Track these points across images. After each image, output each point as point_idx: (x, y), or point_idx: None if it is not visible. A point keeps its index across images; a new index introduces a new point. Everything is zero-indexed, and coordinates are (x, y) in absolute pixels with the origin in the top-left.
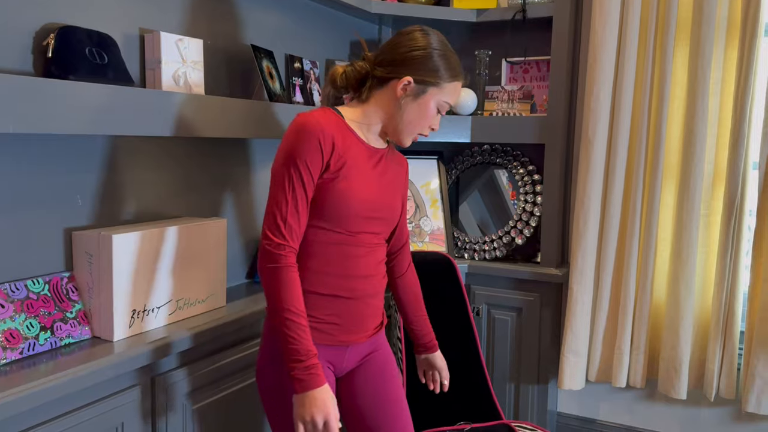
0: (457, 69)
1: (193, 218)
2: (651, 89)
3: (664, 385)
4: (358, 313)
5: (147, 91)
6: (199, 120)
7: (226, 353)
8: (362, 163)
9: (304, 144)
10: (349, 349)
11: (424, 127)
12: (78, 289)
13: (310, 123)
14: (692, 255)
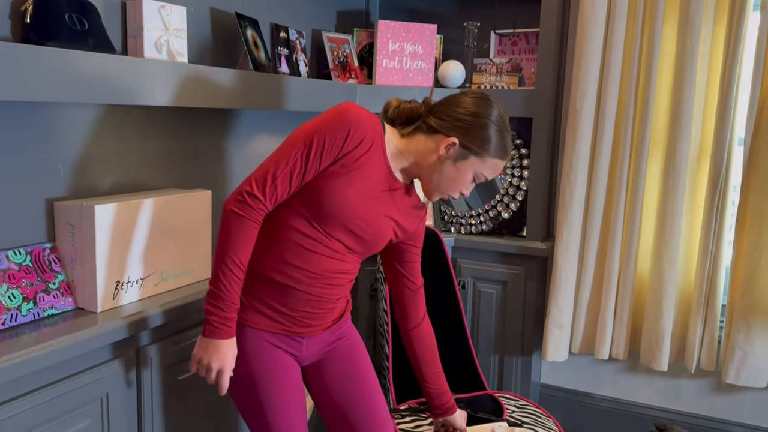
0: (506, 149)
1: (177, 190)
2: (639, 63)
3: (645, 357)
4: (312, 310)
5: (128, 59)
6: (182, 89)
7: None
8: (374, 180)
9: (335, 128)
10: (305, 341)
11: (455, 190)
12: (60, 260)
13: (354, 115)
14: (676, 229)
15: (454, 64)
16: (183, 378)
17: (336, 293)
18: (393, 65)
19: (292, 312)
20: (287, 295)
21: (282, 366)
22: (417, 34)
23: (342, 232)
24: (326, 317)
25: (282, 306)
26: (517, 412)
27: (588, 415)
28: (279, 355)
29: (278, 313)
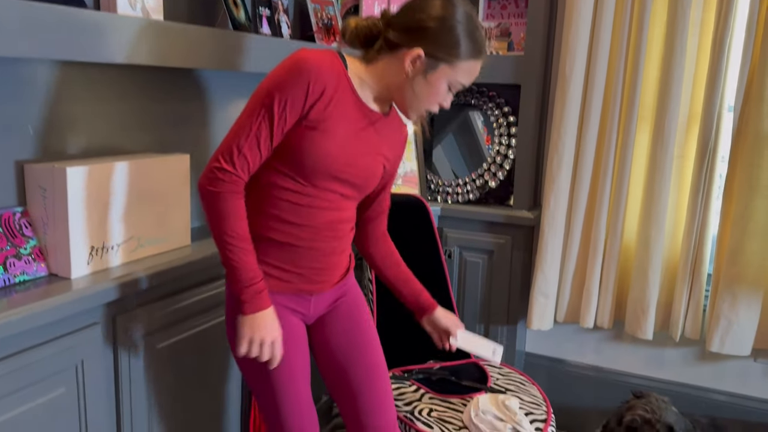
0: (479, 47)
1: (153, 154)
2: (629, 28)
3: (630, 326)
4: (318, 265)
5: (100, 14)
6: (157, 48)
7: (191, 293)
8: (350, 121)
9: (292, 82)
10: (314, 298)
11: (432, 104)
12: (32, 225)
13: (308, 63)
14: (664, 197)
15: None
16: (162, 346)
17: (339, 245)
18: None
19: (299, 270)
20: (292, 253)
21: (291, 329)
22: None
23: (332, 183)
24: (333, 272)
25: (289, 265)
26: (502, 380)
27: (572, 383)
28: (288, 318)
29: (287, 273)
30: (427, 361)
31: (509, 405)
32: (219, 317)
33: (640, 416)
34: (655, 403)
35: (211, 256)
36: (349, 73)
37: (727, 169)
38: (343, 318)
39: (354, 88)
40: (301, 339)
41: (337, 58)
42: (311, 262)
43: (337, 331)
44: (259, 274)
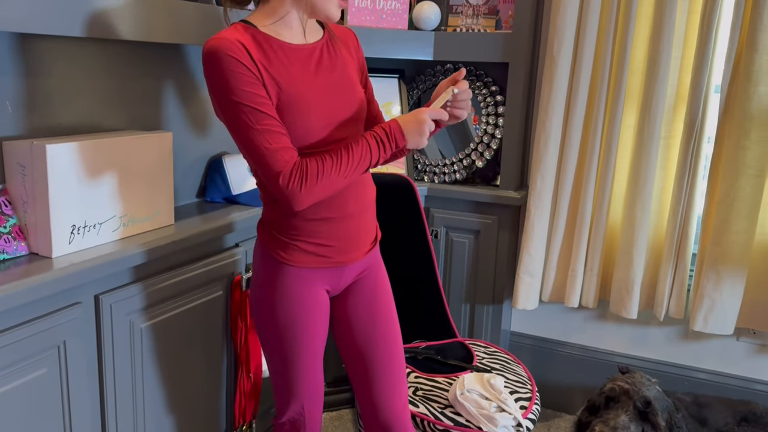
0: None
1: (136, 131)
2: (618, 7)
3: (615, 306)
4: (352, 231)
5: None
6: (140, 22)
7: (174, 272)
8: (299, 68)
9: (229, 71)
10: (347, 269)
11: None
12: (11, 203)
13: (221, 46)
14: (650, 177)
15: (428, 5)
16: (146, 325)
17: (365, 196)
18: (366, 5)
19: (336, 242)
20: (328, 225)
21: (316, 302)
22: None
23: (331, 133)
24: (364, 238)
25: (325, 238)
26: (487, 359)
27: (557, 362)
28: (316, 292)
29: (324, 247)
30: (414, 340)
31: (494, 384)
32: (203, 297)
33: (619, 387)
34: (638, 379)
35: (194, 235)
36: (262, 30)
37: (713, 149)
38: (367, 293)
39: (277, 38)
40: (324, 313)
41: (240, 25)
42: (346, 228)
43: (358, 306)
44: (374, 132)
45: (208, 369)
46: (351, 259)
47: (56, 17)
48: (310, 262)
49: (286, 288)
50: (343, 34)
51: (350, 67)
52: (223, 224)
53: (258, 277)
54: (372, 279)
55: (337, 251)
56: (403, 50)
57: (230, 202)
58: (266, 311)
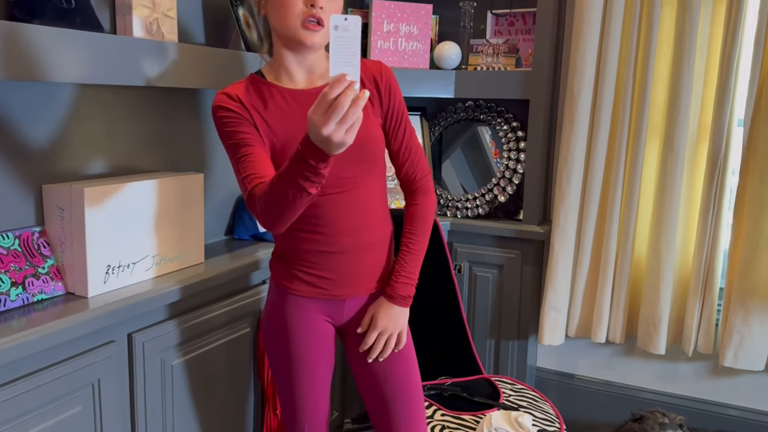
0: None
1: (168, 172)
2: (637, 45)
3: (643, 341)
4: (351, 268)
5: (117, 38)
6: (172, 70)
7: (204, 310)
8: (297, 112)
9: (224, 120)
10: (347, 303)
11: (294, 13)
12: (50, 244)
13: (219, 99)
14: (674, 212)
15: (449, 45)
16: (177, 362)
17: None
18: (388, 46)
19: (332, 274)
20: (323, 257)
21: (317, 331)
22: (412, 14)
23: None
24: (367, 275)
25: (321, 270)
26: (514, 396)
27: (584, 399)
28: (315, 320)
29: (319, 278)
30: (439, 377)
31: (522, 422)
32: (232, 334)
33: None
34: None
35: (224, 273)
36: (267, 78)
37: (738, 182)
38: None
39: (280, 85)
40: (326, 343)
41: (250, 77)
42: (343, 263)
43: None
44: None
45: (235, 405)
46: (349, 293)
47: (99, 68)
48: (308, 291)
49: (286, 315)
50: (374, 69)
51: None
52: (250, 262)
53: (266, 304)
54: None
55: (334, 284)
56: (424, 89)
57: (257, 240)
58: (269, 336)
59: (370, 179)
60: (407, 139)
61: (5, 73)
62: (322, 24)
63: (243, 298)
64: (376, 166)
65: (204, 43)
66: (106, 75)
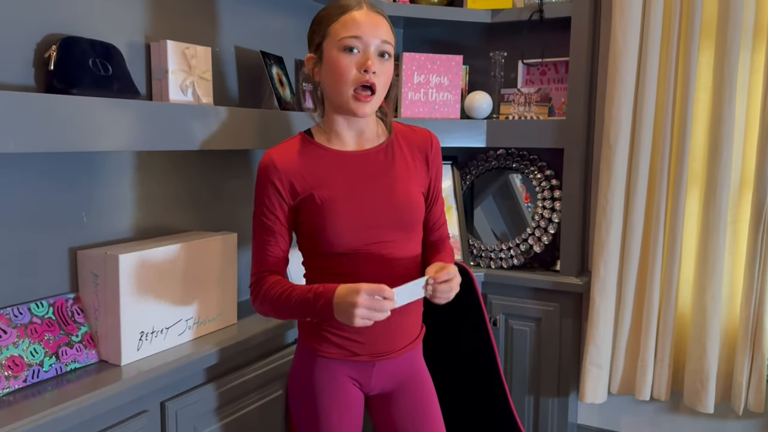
0: (340, 7)
1: (202, 233)
2: (674, 94)
3: (690, 399)
4: (381, 330)
5: (153, 104)
6: (208, 132)
7: (239, 373)
8: (344, 176)
9: (263, 185)
10: (376, 366)
11: (348, 78)
12: (84, 311)
13: (266, 163)
14: (719, 264)
15: (480, 95)
16: (210, 430)
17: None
18: (419, 97)
19: (362, 337)
20: None
21: (346, 398)
22: (443, 65)
23: (364, 237)
24: (397, 338)
25: (351, 332)
26: None
27: None
28: (345, 386)
29: (349, 341)
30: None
31: None
32: (264, 397)
33: None
34: None
35: (258, 333)
36: (316, 140)
37: None
38: (411, 401)
39: (328, 147)
40: (355, 409)
41: (299, 137)
42: (373, 327)
43: (402, 413)
44: (310, 289)
45: None
46: (380, 356)
47: (141, 134)
48: (337, 354)
49: (312, 377)
50: (419, 138)
51: (409, 172)
52: (283, 322)
53: (293, 366)
54: (417, 386)
55: (364, 347)
56: (456, 139)
57: None
58: (296, 400)
59: (409, 243)
60: (440, 205)
61: (46, 145)
62: (374, 91)
63: (276, 359)
64: (414, 232)
65: (238, 102)
66: (143, 141)
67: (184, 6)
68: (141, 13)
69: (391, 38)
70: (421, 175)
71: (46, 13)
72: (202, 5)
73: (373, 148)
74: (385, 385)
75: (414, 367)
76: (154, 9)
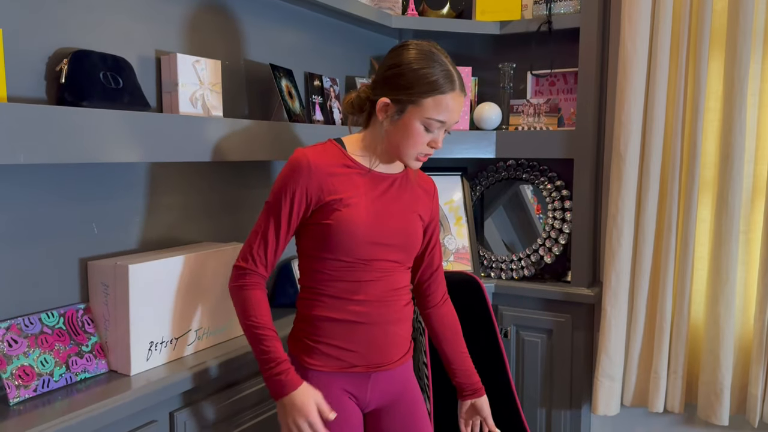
0: (439, 83)
1: (211, 244)
2: (684, 102)
3: (704, 411)
4: (376, 340)
5: (163, 116)
6: (217, 144)
7: (248, 383)
8: (365, 191)
9: (290, 181)
10: (372, 379)
11: (417, 148)
12: (94, 321)
13: (300, 161)
14: (732, 273)
15: (489, 106)
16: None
17: (396, 317)
18: None
19: (357, 347)
20: (350, 329)
21: (346, 414)
22: None
23: (373, 251)
24: (391, 349)
25: (348, 342)
26: None
27: None
28: (344, 403)
29: (345, 352)
30: None
31: None
32: (272, 409)
33: None
34: None
35: None
36: (348, 152)
37: None
38: (402, 416)
39: (358, 162)
40: (350, 420)
41: (332, 144)
42: (370, 335)
43: (394, 428)
44: (284, 357)
45: None
46: (376, 367)
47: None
48: (331, 365)
49: None
50: (423, 181)
51: (417, 205)
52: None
53: None
54: (407, 404)
55: (359, 357)
56: (465, 150)
57: None
58: None
59: (404, 268)
60: (436, 236)
61: (57, 156)
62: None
63: None
64: (411, 259)
65: (248, 114)
66: (153, 153)
67: (194, 20)
68: (151, 27)
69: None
70: (424, 211)
71: (58, 27)
72: (212, 19)
73: (397, 174)
74: (380, 400)
75: (406, 382)
76: (165, 23)
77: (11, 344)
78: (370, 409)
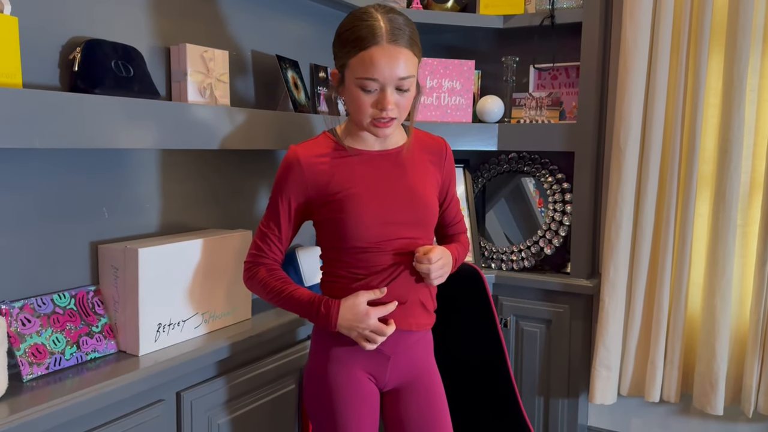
0: (360, 38)
1: (218, 230)
2: (684, 97)
3: (699, 401)
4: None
5: (173, 104)
6: (224, 133)
7: (253, 366)
8: (364, 174)
9: (284, 180)
10: (391, 360)
11: (365, 113)
12: (104, 303)
13: (291, 159)
14: (729, 266)
15: (492, 99)
16: (223, 421)
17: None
18: (431, 101)
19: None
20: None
21: (364, 394)
22: (455, 70)
23: (386, 232)
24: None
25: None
26: None
27: None
28: (363, 383)
29: None
30: None
31: None
32: (277, 391)
33: None
34: None
35: (271, 329)
36: (343, 139)
37: None
38: (420, 398)
39: (351, 147)
40: (372, 406)
41: (324, 136)
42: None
43: (412, 409)
44: (311, 296)
45: None
46: (392, 349)
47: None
48: (351, 345)
49: (329, 375)
50: (435, 145)
51: (425, 175)
52: (297, 317)
53: (308, 364)
54: (426, 386)
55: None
56: (467, 142)
57: None
58: (312, 398)
59: (424, 240)
60: (455, 205)
61: (69, 141)
62: (393, 119)
63: (289, 354)
64: (429, 231)
65: (254, 104)
66: (162, 140)
67: (202, 11)
68: (161, 18)
69: (411, 69)
70: (435, 178)
71: (71, 18)
72: (221, 10)
73: (394, 149)
74: (399, 380)
75: (426, 364)
76: (174, 14)
77: (25, 323)
78: (389, 389)
